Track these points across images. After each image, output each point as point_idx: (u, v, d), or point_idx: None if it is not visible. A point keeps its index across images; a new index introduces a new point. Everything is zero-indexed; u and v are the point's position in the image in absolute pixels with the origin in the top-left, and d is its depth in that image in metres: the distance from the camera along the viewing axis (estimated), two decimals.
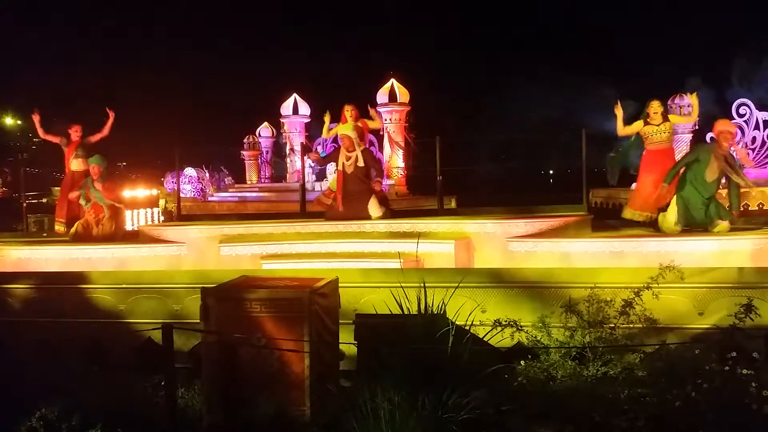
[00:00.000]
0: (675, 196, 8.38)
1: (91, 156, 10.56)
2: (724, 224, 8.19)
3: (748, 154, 20.19)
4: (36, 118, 11.45)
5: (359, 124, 10.18)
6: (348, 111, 10.27)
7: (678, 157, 9.59)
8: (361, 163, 9.60)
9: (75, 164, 10.96)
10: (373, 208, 9.49)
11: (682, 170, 8.48)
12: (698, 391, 4.64)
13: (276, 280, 5.85)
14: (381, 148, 22.13)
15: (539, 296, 6.27)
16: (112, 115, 11.33)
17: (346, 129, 9.88)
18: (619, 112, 9.17)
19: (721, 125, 8.54)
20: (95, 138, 11.31)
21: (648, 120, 9.00)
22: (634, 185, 9.68)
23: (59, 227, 11.04)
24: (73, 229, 10.42)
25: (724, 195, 8.64)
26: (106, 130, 11.35)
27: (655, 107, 8.99)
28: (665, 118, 9.01)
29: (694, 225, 8.31)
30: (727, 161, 8.35)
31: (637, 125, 9.09)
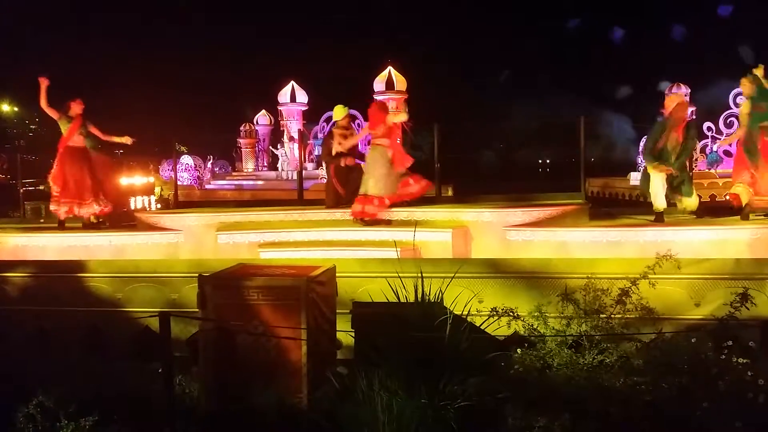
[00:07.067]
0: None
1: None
2: (688, 201, 8.40)
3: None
4: (43, 85, 9.96)
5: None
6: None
7: None
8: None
9: (78, 140, 10.10)
10: None
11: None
12: (694, 380, 4.67)
13: (273, 268, 5.84)
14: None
15: (536, 286, 6.28)
16: (126, 139, 10.49)
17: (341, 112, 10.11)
18: None
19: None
20: (95, 131, 10.26)
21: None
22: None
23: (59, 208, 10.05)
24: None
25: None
26: (105, 137, 10.39)
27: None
28: None
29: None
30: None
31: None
